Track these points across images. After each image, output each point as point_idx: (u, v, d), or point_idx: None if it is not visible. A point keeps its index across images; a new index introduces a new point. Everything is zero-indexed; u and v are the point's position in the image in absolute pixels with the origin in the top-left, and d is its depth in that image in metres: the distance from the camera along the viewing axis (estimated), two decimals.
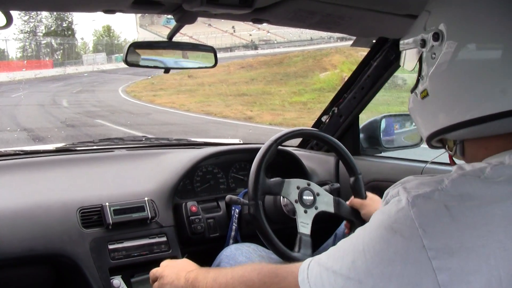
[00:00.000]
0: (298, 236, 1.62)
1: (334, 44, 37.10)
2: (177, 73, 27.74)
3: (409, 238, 0.76)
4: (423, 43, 0.94)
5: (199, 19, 1.49)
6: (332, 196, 1.75)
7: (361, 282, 0.79)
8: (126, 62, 1.65)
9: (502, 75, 0.83)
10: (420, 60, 0.96)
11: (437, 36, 0.90)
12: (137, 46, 1.68)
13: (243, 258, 1.65)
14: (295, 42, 49.58)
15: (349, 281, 0.81)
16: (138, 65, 1.71)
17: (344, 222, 1.86)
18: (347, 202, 1.80)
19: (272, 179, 1.70)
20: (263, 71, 28.64)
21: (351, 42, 2.18)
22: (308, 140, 2.65)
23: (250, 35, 55.33)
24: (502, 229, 0.75)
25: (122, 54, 1.67)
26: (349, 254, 0.84)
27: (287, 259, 1.59)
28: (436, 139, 0.97)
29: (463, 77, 0.87)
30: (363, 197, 1.81)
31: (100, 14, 1.42)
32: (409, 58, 1.00)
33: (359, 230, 0.87)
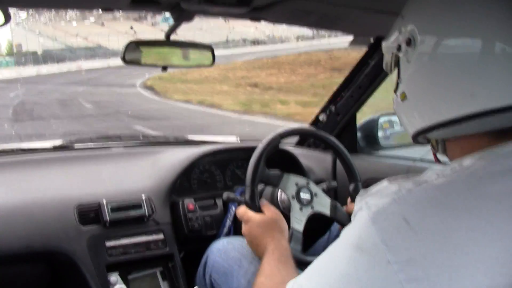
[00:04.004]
0: (290, 231, 1.62)
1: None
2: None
3: (374, 255, 0.78)
4: (399, 48, 0.96)
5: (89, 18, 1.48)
6: (329, 200, 1.75)
7: None
8: (124, 60, 1.65)
9: (463, 81, 0.85)
10: (398, 63, 0.98)
11: (409, 42, 0.93)
12: (135, 44, 1.69)
13: (235, 254, 1.64)
14: None
15: None
16: (136, 63, 1.72)
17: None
18: (344, 208, 1.80)
19: (271, 170, 1.70)
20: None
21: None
22: (305, 138, 2.66)
23: (162, 30, 52.66)
24: (462, 234, 0.75)
25: None
26: (325, 276, 0.85)
27: None
28: (421, 137, 0.99)
29: (432, 82, 0.90)
30: None
31: None
32: (388, 61, 1.02)
33: (330, 249, 0.88)
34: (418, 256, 0.75)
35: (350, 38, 2.40)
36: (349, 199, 1.83)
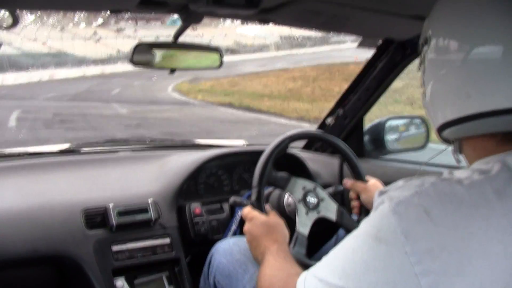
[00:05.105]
0: (295, 234, 1.60)
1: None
2: None
3: (392, 245, 0.78)
4: (421, 49, 1.00)
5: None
6: (336, 205, 1.73)
7: None
8: (132, 62, 1.65)
9: (465, 81, 0.87)
10: (421, 64, 1.01)
11: (424, 42, 0.97)
12: (144, 46, 1.68)
13: (241, 256, 1.63)
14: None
15: None
16: (145, 66, 1.71)
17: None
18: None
19: (279, 173, 1.69)
20: None
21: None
22: (313, 142, 2.64)
23: (129, 37, 47.82)
24: (482, 232, 0.76)
25: None
26: (340, 264, 0.86)
27: None
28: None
29: (436, 83, 0.93)
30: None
31: None
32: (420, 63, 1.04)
33: (348, 239, 0.89)
34: (436, 247, 0.76)
35: (331, 47, 2.39)
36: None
